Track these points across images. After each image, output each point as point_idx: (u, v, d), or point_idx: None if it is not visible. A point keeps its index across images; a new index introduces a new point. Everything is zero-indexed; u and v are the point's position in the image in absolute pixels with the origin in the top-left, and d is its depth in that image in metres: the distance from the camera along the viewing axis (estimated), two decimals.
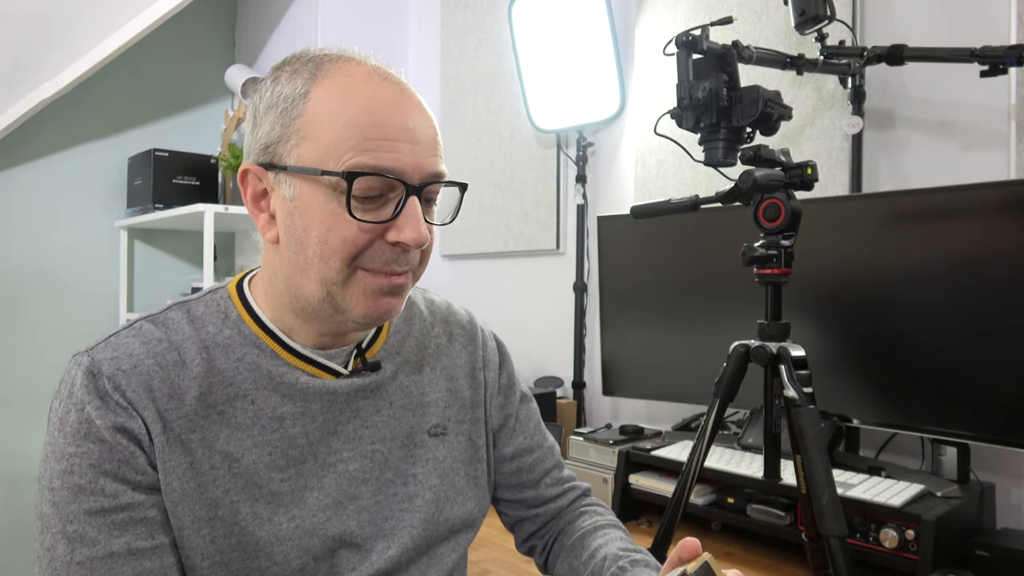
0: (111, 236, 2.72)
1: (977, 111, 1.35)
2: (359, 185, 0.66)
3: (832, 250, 1.34)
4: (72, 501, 0.65)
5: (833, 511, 0.93)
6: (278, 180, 0.69)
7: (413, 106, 0.70)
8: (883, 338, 1.29)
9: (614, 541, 0.85)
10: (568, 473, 0.97)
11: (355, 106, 0.67)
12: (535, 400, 0.98)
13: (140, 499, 0.67)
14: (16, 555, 2.48)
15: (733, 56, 1.07)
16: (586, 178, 2.02)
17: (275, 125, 0.69)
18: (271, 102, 0.70)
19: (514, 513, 0.95)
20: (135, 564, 0.65)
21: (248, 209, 0.73)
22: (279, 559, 0.71)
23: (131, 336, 0.71)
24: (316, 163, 0.67)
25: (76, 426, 0.66)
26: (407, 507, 0.79)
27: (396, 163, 0.67)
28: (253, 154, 0.71)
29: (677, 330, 1.60)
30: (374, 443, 0.78)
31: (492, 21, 2.31)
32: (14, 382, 2.52)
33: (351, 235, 0.67)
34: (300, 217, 0.68)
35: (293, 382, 0.74)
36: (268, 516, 0.71)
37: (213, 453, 0.70)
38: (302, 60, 0.71)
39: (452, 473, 0.84)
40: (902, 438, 1.40)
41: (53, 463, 0.66)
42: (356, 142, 0.66)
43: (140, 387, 0.68)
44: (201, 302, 0.76)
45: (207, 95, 2.92)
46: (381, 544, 0.77)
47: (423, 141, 0.69)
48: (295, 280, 0.70)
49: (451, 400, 0.86)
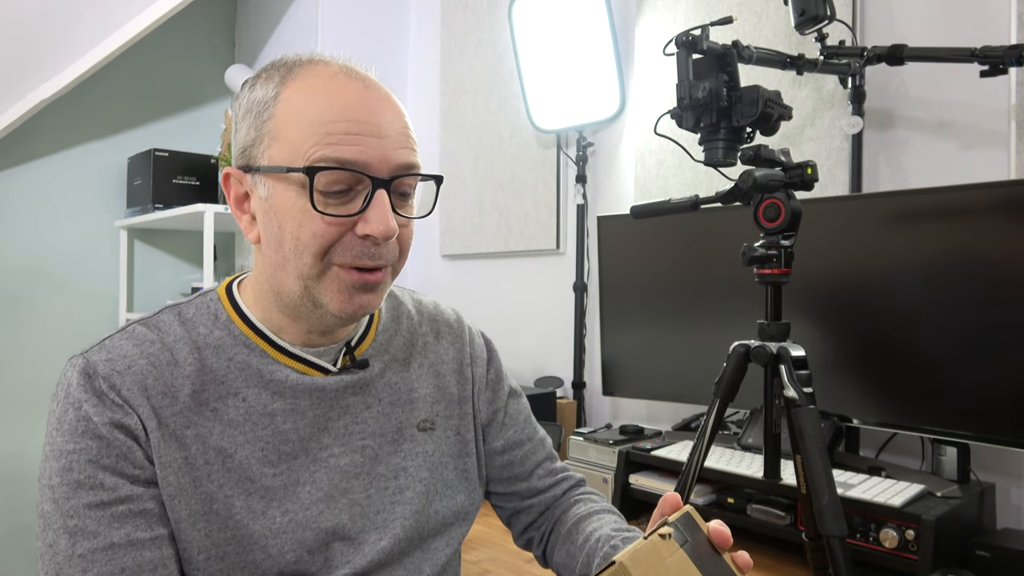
0: (111, 236, 2.72)
1: (977, 111, 1.35)
2: (323, 179, 0.68)
3: (832, 250, 1.34)
4: (72, 496, 0.66)
5: (833, 511, 0.93)
6: (255, 182, 0.72)
7: (379, 100, 0.71)
8: (883, 338, 1.29)
9: (607, 524, 0.86)
10: (561, 464, 0.99)
11: (319, 103, 0.69)
12: (526, 396, 0.99)
13: (139, 492, 0.68)
14: (16, 555, 2.48)
15: (733, 56, 1.07)
16: (586, 178, 2.02)
17: (250, 129, 0.72)
18: (247, 107, 0.73)
19: (509, 506, 0.96)
20: (135, 555, 0.67)
21: (232, 212, 0.76)
22: (273, 552, 0.73)
23: (124, 339, 0.73)
24: (285, 162, 0.69)
25: (74, 424, 0.68)
26: (398, 499, 0.81)
27: (360, 156, 0.68)
28: (234, 158, 0.75)
29: (677, 330, 1.60)
30: (364, 438, 0.80)
31: (492, 21, 2.31)
32: (14, 382, 2.52)
33: (320, 230, 0.69)
34: (275, 215, 0.71)
35: (283, 379, 0.76)
36: (262, 510, 0.73)
37: (207, 448, 0.72)
38: (276, 66, 0.74)
39: (441, 467, 0.86)
40: (902, 438, 1.40)
41: (52, 461, 0.68)
42: (319, 137, 0.68)
43: (135, 385, 0.70)
44: (192, 305, 0.78)
45: (207, 95, 2.92)
46: (373, 536, 0.79)
47: (390, 134, 0.70)
48: (277, 277, 0.73)
49: (439, 396, 0.87)
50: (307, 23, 2.52)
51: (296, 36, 2.59)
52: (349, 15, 2.52)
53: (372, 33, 2.58)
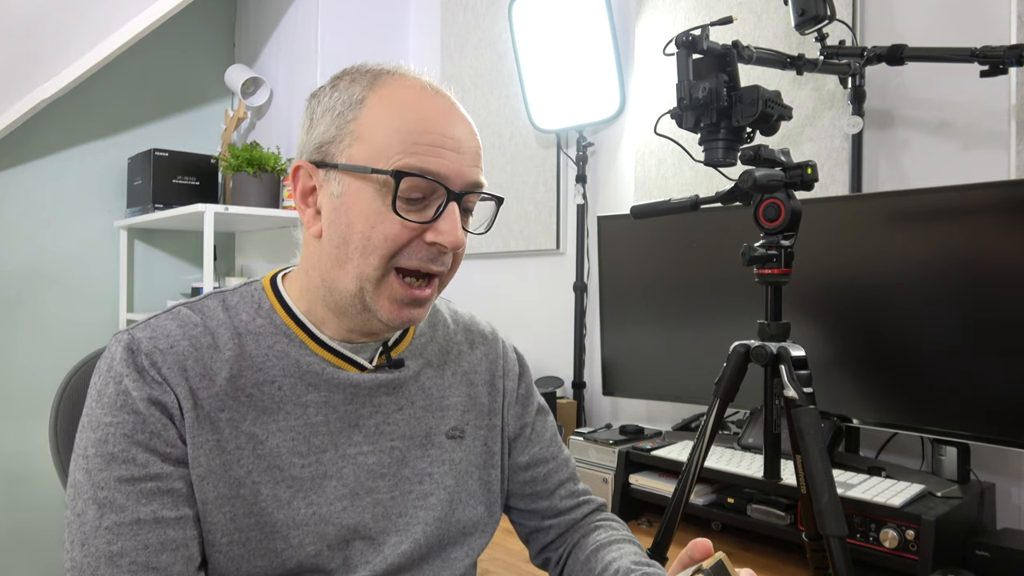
0: (111, 236, 2.72)
1: (977, 111, 1.35)
2: (405, 185, 0.71)
3: (832, 250, 1.34)
4: (104, 468, 0.68)
5: (833, 511, 0.93)
6: (328, 177, 0.74)
7: (460, 119, 0.76)
8: (883, 338, 1.29)
9: (627, 555, 0.86)
10: (583, 487, 0.99)
11: (407, 114, 0.73)
12: (553, 415, 1.00)
13: (169, 470, 0.70)
14: (16, 555, 2.48)
15: (733, 56, 1.07)
16: (586, 178, 2.02)
17: (331, 127, 0.74)
18: (328, 106, 0.75)
19: (528, 523, 0.96)
20: (160, 532, 0.68)
21: (296, 204, 0.78)
22: (295, 543, 0.74)
23: (169, 319, 0.75)
24: (367, 162, 0.72)
25: (113, 397, 0.70)
26: (421, 504, 0.82)
27: (441, 168, 0.72)
28: (306, 153, 0.76)
29: (677, 330, 1.60)
30: (393, 440, 0.81)
31: (492, 21, 2.31)
32: (14, 382, 2.52)
33: (393, 232, 0.72)
34: (346, 213, 0.73)
35: (319, 372, 0.77)
36: (287, 499, 0.74)
37: (239, 433, 0.73)
38: (361, 71, 0.77)
39: (466, 476, 0.86)
40: (902, 438, 1.40)
41: (89, 432, 0.70)
42: (406, 146, 0.71)
43: (175, 365, 0.72)
44: (236, 293, 0.80)
45: (207, 95, 2.92)
46: (394, 539, 0.79)
47: (467, 152, 0.75)
48: (332, 273, 0.74)
49: (469, 405, 0.89)
50: (307, 23, 2.52)
51: (296, 36, 2.59)
52: (349, 15, 2.52)
53: (372, 33, 2.58)
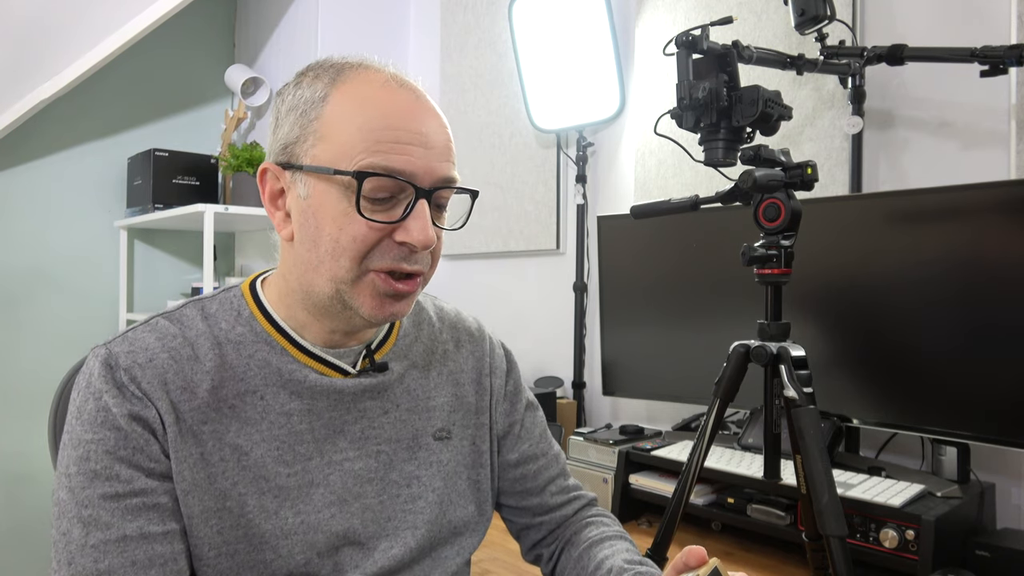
0: (111, 236, 2.72)
1: (977, 111, 1.35)
2: (369, 185, 0.68)
3: (832, 250, 1.34)
4: (87, 486, 0.67)
5: (833, 511, 0.93)
6: (294, 179, 0.72)
7: (427, 112, 0.73)
8: (883, 338, 1.28)
9: (620, 553, 0.85)
10: (574, 482, 0.98)
11: (370, 110, 0.70)
12: (542, 408, 0.99)
13: (153, 485, 0.69)
14: (16, 555, 2.48)
15: (733, 56, 1.07)
16: (586, 178, 2.02)
17: (294, 126, 0.72)
18: (292, 104, 0.73)
19: (519, 520, 0.96)
20: (147, 548, 0.67)
21: (265, 207, 0.76)
22: (284, 553, 0.73)
23: (147, 331, 0.74)
24: (330, 163, 0.69)
25: (93, 414, 0.68)
26: (411, 508, 0.81)
27: (407, 165, 0.69)
28: (272, 154, 0.74)
29: (677, 330, 1.60)
30: (379, 444, 0.80)
31: (492, 21, 2.31)
32: (14, 382, 2.52)
33: (361, 234, 0.69)
34: (313, 215, 0.70)
35: (301, 379, 0.76)
36: (274, 509, 0.73)
37: (223, 445, 0.72)
38: (323, 66, 0.74)
39: (455, 477, 0.85)
40: (902, 438, 1.40)
41: (70, 450, 0.69)
42: (369, 144, 0.68)
43: (155, 379, 0.70)
44: (215, 300, 0.78)
45: (207, 95, 2.92)
46: (384, 543, 0.78)
47: (435, 146, 0.72)
48: (307, 277, 0.72)
49: (456, 405, 0.87)
50: (307, 23, 2.52)
51: (296, 36, 2.59)
52: (349, 15, 2.52)
53: (372, 33, 2.58)
